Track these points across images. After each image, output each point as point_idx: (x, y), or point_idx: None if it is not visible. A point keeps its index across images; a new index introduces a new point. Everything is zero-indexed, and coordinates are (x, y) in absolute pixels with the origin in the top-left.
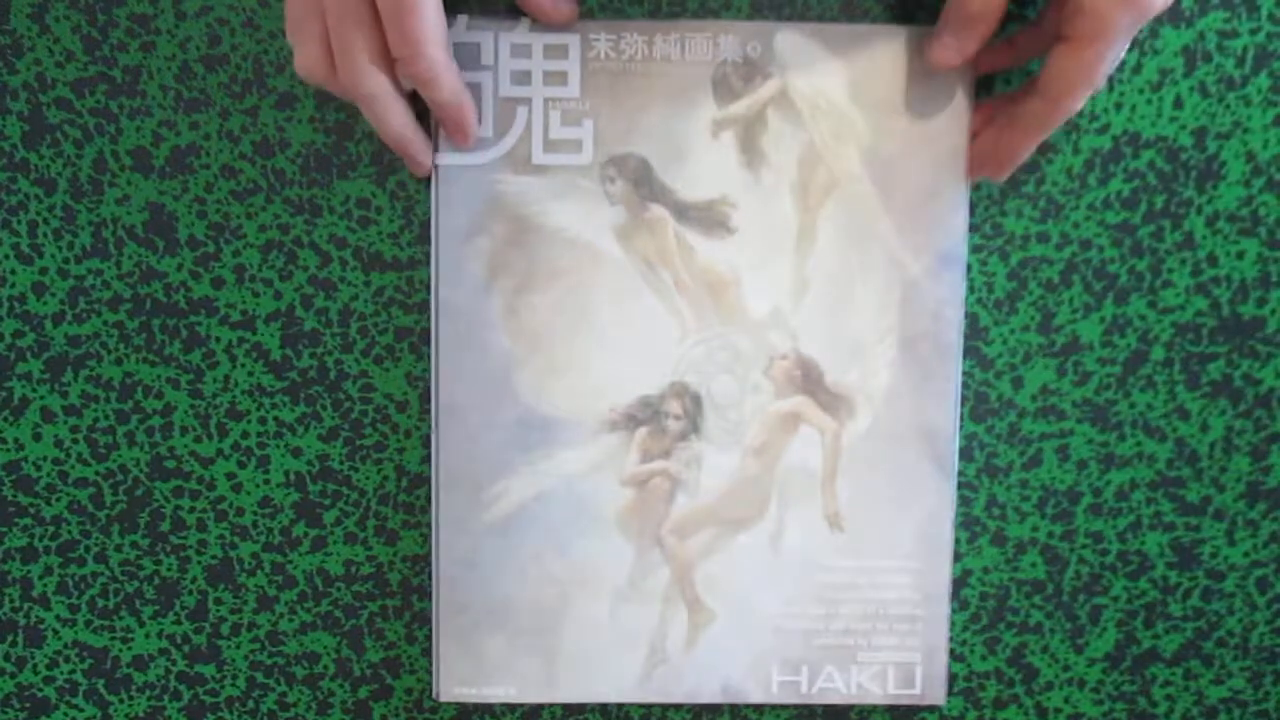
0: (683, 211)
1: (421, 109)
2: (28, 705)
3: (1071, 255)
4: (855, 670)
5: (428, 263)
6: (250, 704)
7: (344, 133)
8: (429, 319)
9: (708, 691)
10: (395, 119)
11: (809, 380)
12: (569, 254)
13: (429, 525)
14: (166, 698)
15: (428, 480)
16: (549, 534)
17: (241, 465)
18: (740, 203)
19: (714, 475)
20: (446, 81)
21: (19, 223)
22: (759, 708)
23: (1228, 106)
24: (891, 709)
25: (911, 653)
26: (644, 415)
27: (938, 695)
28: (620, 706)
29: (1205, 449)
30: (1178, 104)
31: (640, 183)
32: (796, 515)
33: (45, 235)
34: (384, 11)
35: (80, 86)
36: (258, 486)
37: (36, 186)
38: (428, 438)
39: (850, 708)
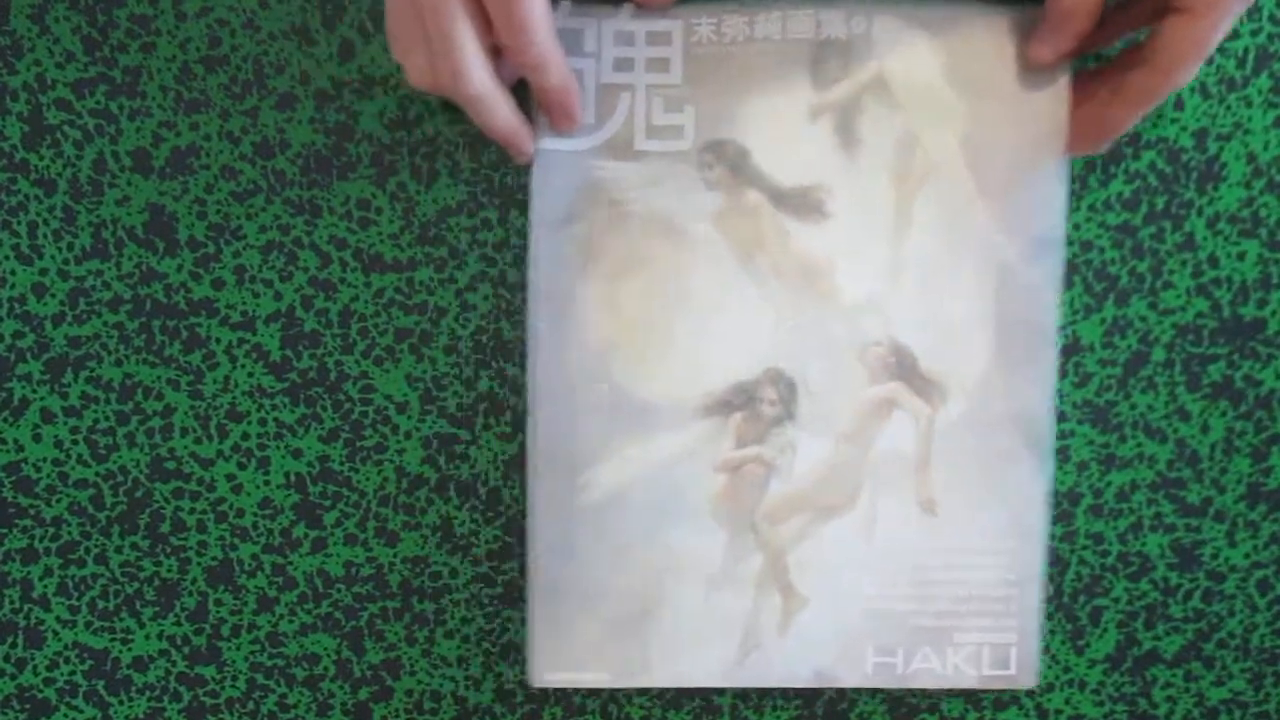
0: (779, 196)
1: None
2: (28, 707)
3: (1072, 256)
4: (950, 652)
5: (427, 263)
6: (250, 705)
7: (344, 134)
8: (428, 320)
9: (801, 676)
10: (501, 115)
11: (903, 366)
12: (665, 240)
13: (429, 526)
14: (166, 699)
15: (427, 481)
16: (643, 519)
17: (241, 466)
18: (836, 188)
19: (808, 461)
20: (555, 67)
21: (19, 224)
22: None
23: (1228, 108)
24: (892, 709)
25: (1006, 634)
26: (739, 401)
27: (1030, 677)
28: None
29: (1206, 450)
30: (1178, 105)
31: (738, 168)
32: (889, 501)
33: (45, 236)
34: (490, 2)
35: (80, 87)
36: (258, 488)
37: (36, 187)
38: (428, 439)
39: (852, 707)
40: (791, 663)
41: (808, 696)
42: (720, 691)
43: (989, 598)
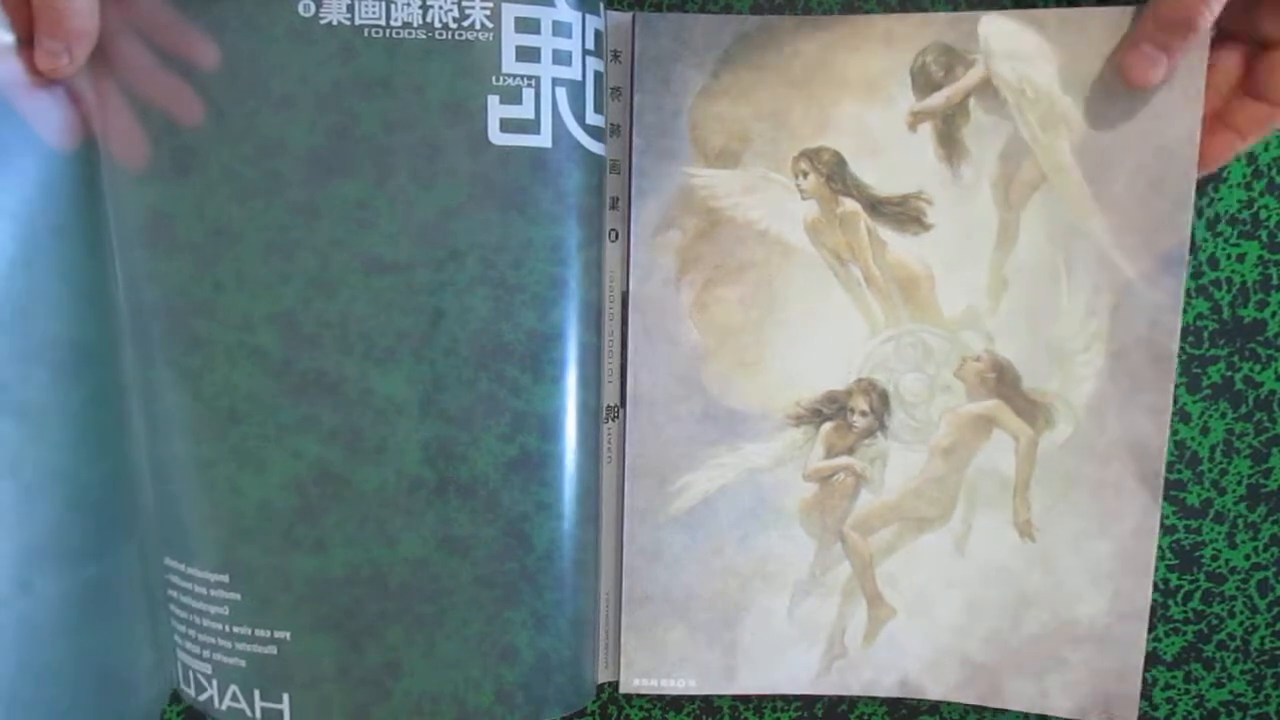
0: (876, 206)
1: None
2: None
3: None
4: (1039, 680)
5: (426, 264)
6: None
7: (344, 134)
8: (427, 321)
9: (886, 685)
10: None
11: (1003, 383)
12: (759, 248)
13: (428, 529)
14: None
15: (427, 483)
16: (732, 527)
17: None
18: (937, 198)
19: (899, 473)
20: None
21: None
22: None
23: None
24: (892, 711)
25: (1103, 670)
26: (830, 411)
27: (1130, 714)
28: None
29: (1206, 452)
30: None
31: (834, 177)
32: (984, 520)
33: None
34: None
35: None
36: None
37: None
38: (427, 440)
39: (852, 709)
40: (877, 671)
41: (807, 699)
42: (719, 695)
43: (1086, 632)
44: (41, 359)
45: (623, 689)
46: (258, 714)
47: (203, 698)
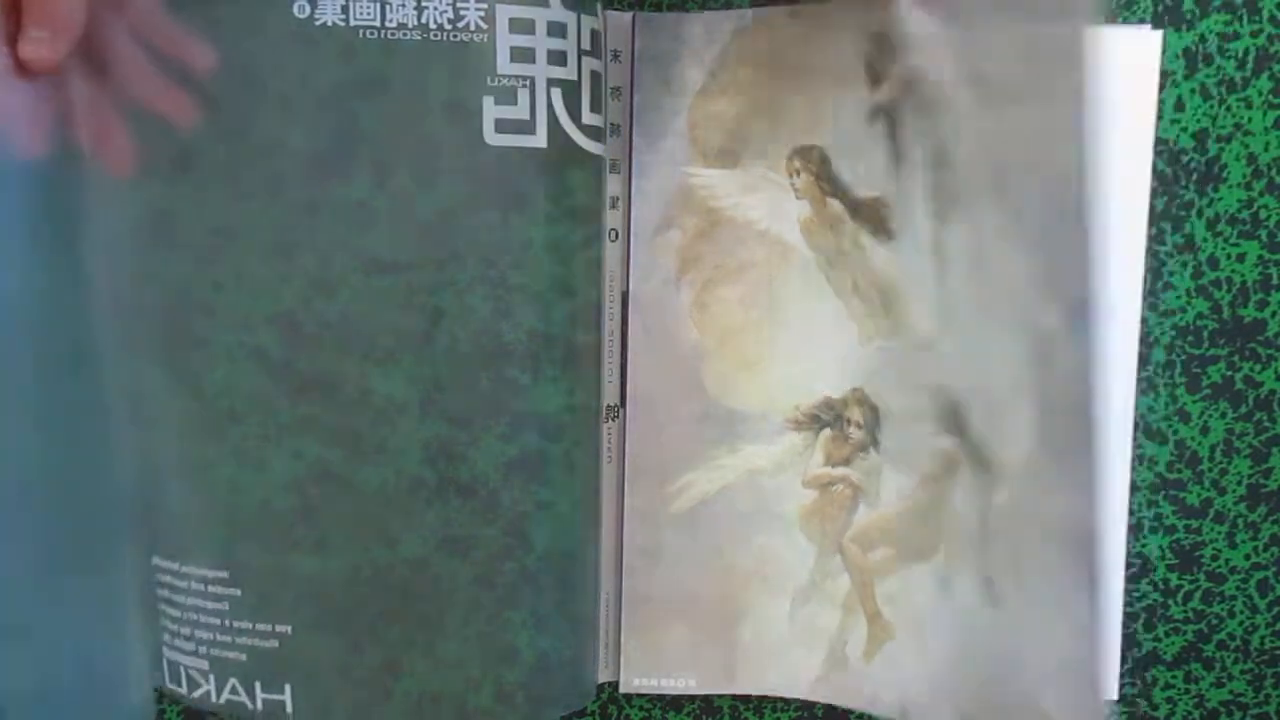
0: (857, 208)
1: None
2: None
3: None
4: None
5: (426, 264)
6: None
7: (344, 134)
8: (427, 321)
9: (886, 703)
10: None
11: (957, 421)
12: (759, 248)
13: (428, 529)
14: (165, 700)
15: (427, 484)
16: (732, 528)
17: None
18: (892, 204)
19: (893, 492)
20: None
21: None
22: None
23: (1229, 109)
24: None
25: None
26: (828, 417)
27: None
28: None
29: (1206, 451)
30: (1179, 106)
31: (822, 176)
32: (963, 565)
33: None
34: None
35: None
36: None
37: None
38: (428, 441)
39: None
40: (877, 689)
41: (807, 700)
42: (719, 695)
43: (1063, 703)
44: (35, 359)
45: (623, 689)
46: (259, 705)
47: (196, 694)
